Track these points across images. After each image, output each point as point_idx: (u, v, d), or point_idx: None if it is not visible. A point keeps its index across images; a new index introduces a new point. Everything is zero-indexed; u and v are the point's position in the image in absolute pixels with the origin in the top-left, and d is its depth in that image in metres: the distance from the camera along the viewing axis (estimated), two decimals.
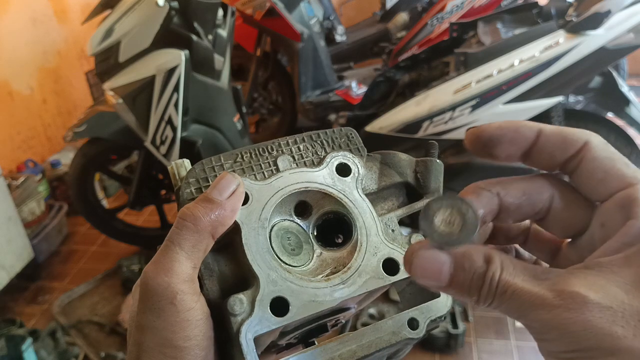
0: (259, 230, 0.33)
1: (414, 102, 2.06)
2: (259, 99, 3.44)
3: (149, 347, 0.30)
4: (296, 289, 0.32)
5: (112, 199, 3.10)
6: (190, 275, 0.30)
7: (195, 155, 2.19)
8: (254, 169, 0.36)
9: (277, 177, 0.35)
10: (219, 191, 0.32)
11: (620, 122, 2.05)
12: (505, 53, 1.92)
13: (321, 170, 0.36)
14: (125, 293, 2.25)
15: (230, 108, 2.38)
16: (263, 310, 0.31)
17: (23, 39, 3.05)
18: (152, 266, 0.31)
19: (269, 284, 0.32)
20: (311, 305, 0.32)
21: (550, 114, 1.96)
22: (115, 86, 2.12)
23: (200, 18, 2.14)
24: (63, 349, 1.99)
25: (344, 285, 0.33)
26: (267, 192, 0.35)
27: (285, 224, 0.35)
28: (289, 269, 0.33)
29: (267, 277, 0.32)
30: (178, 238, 0.31)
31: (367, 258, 0.34)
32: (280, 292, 0.32)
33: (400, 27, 3.57)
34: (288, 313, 0.32)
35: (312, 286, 0.33)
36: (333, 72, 3.35)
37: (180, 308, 0.30)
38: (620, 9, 1.81)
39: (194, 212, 0.31)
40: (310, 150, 0.37)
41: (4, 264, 2.28)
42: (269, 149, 0.37)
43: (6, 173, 2.61)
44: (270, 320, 0.31)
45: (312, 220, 0.36)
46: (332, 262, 0.35)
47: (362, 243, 0.35)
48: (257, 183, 0.35)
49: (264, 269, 0.32)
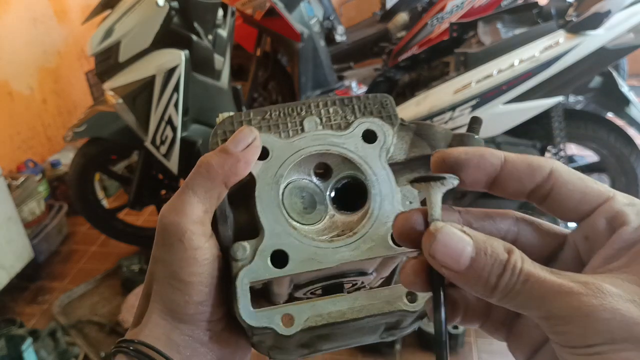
0: (272, 186, 0.34)
1: (414, 102, 2.06)
2: (259, 99, 3.44)
3: (159, 277, 0.33)
4: (298, 245, 0.33)
5: (112, 199, 3.10)
6: (201, 218, 0.33)
7: (195, 155, 2.19)
8: (280, 127, 0.36)
9: (300, 136, 0.36)
10: (235, 143, 0.34)
11: (620, 122, 2.05)
12: (505, 53, 1.92)
13: (346, 134, 0.36)
14: (125, 293, 2.25)
15: (230, 108, 2.38)
16: (263, 260, 0.33)
17: (23, 39, 3.05)
18: (167, 206, 0.33)
19: (273, 236, 0.33)
20: (310, 263, 0.33)
21: (550, 114, 1.96)
22: (115, 86, 2.12)
23: (200, 18, 2.14)
24: (63, 349, 1.99)
25: (347, 248, 0.34)
26: (288, 150, 0.35)
27: (303, 182, 0.36)
28: (295, 225, 0.34)
29: (272, 229, 0.33)
30: (192, 183, 0.33)
31: (376, 226, 0.34)
32: (281, 245, 0.33)
33: (400, 27, 3.57)
34: (286, 266, 0.33)
35: (314, 244, 0.34)
36: (333, 72, 3.35)
37: (187, 246, 0.32)
38: (620, 9, 1.81)
39: (209, 160, 0.33)
40: (339, 114, 0.37)
41: (4, 264, 2.28)
42: (298, 109, 0.37)
43: (6, 173, 2.61)
44: (268, 270, 0.33)
45: (331, 183, 0.37)
46: (342, 226, 0.35)
47: (374, 210, 0.35)
48: (279, 140, 0.35)
49: (271, 222, 0.34)
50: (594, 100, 2.11)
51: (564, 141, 2.01)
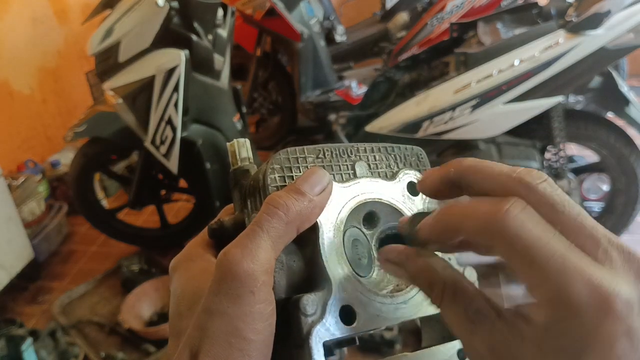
0: (334, 232, 0.32)
1: (414, 102, 2.06)
2: (259, 99, 3.44)
3: (216, 333, 0.28)
4: (364, 300, 0.31)
5: (112, 199, 3.10)
6: (272, 267, 0.29)
7: (195, 155, 2.19)
8: (333, 168, 0.35)
9: (355, 182, 0.35)
10: (311, 185, 0.31)
11: (620, 122, 2.05)
12: (505, 53, 1.92)
13: (394, 185, 0.36)
14: (125, 293, 2.25)
15: (230, 108, 2.37)
16: (333, 316, 0.30)
17: (23, 39, 3.05)
18: (238, 250, 0.29)
19: (340, 290, 0.31)
20: (376, 320, 0.31)
21: (550, 114, 1.96)
22: (115, 86, 2.12)
23: (200, 18, 2.14)
24: (63, 349, 1.99)
25: (406, 305, 0.33)
26: (346, 195, 0.34)
27: (355, 231, 0.34)
28: (359, 278, 0.32)
29: (339, 282, 0.31)
30: (268, 225, 0.29)
31: None
32: (349, 300, 0.31)
33: (400, 27, 3.57)
34: (355, 323, 0.31)
35: (378, 300, 0.32)
36: (333, 72, 3.35)
37: (257, 299, 0.28)
38: (620, 9, 1.81)
39: (287, 202, 0.30)
40: (384, 162, 0.37)
41: (4, 264, 2.28)
42: (349, 151, 0.36)
43: (6, 173, 2.61)
44: (339, 327, 0.30)
45: (377, 233, 0.35)
46: (393, 279, 0.34)
47: None
48: (337, 184, 0.34)
49: (337, 273, 0.31)
50: (594, 100, 2.11)
51: (564, 141, 2.01)
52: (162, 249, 2.65)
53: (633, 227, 2.20)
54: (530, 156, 2.00)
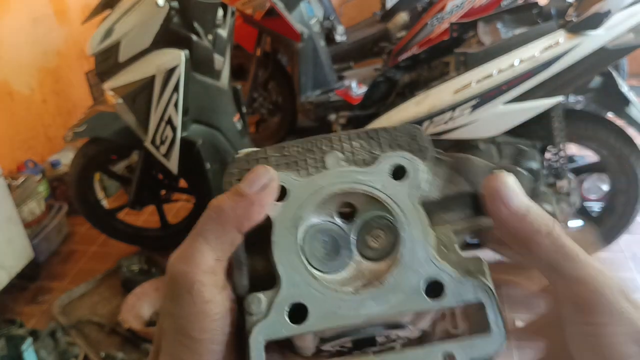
0: (290, 230, 0.31)
1: (414, 102, 2.06)
2: (259, 99, 3.44)
3: (168, 332, 0.30)
4: (318, 297, 0.30)
5: (112, 199, 3.10)
6: (212, 267, 0.30)
7: (195, 155, 2.19)
8: (299, 163, 0.33)
9: (321, 174, 0.32)
10: (249, 184, 0.31)
11: (620, 122, 2.04)
12: (505, 53, 1.92)
13: (371, 170, 0.33)
14: (125, 293, 2.25)
15: (230, 108, 2.38)
16: (279, 314, 0.30)
17: (23, 39, 3.05)
18: (175, 254, 0.30)
19: (291, 287, 0.30)
20: (332, 317, 0.30)
21: (550, 114, 1.96)
22: (115, 86, 2.12)
23: (200, 18, 2.14)
24: (63, 349, 1.99)
25: (374, 302, 0.30)
26: (307, 190, 0.32)
27: (325, 225, 0.33)
28: (316, 274, 0.31)
29: (289, 279, 0.30)
30: (202, 228, 0.30)
31: (407, 276, 0.31)
32: (300, 297, 0.30)
33: (400, 27, 3.57)
34: (305, 321, 0.30)
35: (337, 296, 0.30)
36: (333, 72, 3.35)
37: (196, 299, 0.29)
38: (620, 9, 1.80)
39: (220, 204, 0.30)
40: (365, 148, 0.34)
41: (4, 264, 2.28)
42: (318, 144, 0.34)
43: (6, 173, 2.61)
44: (285, 326, 0.30)
45: (356, 225, 0.33)
46: (369, 274, 0.32)
47: (404, 257, 0.31)
48: (298, 179, 0.32)
49: (288, 271, 0.30)
50: (594, 100, 2.11)
51: (564, 141, 2.01)
52: (162, 249, 2.65)
53: (633, 227, 2.20)
54: (530, 156, 2.00)
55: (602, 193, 2.22)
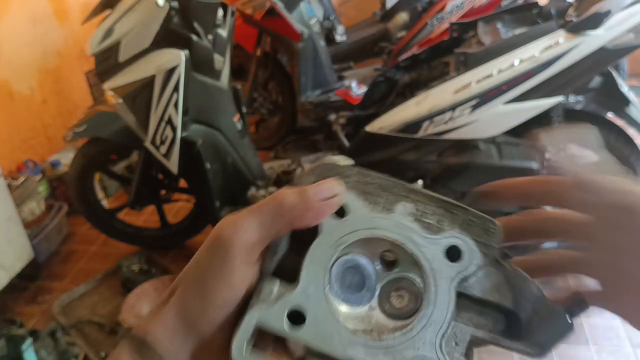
0: (330, 247, 0.33)
1: (414, 102, 2.06)
2: (259, 99, 3.44)
3: (190, 276, 0.33)
4: (320, 317, 0.31)
5: (112, 199, 3.10)
6: (252, 244, 0.32)
7: (195, 155, 2.19)
8: (372, 195, 0.34)
9: (384, 216, 0.33)
10: (317, 191, 0.33)
11: (620, 122, 2.04)
12: (505, 53, 1.92)
13: (431, 239, 0.33)
14: (125, 293, 2.25)
15: (230, 108, 2.37)
16: (281, 310, 0.31)
17: (23, 39, 3.05)
18: (229, 219, 0.33)
19: (304, 294, 0.32)
20: (321, 341, 0.31)
21: (550, 114, 1.96)
22: (115, 86, 2.12)
23: (200, 18, 2.14)
24: (63, 349, 1.99)
25: (364, 350, 0.31)
26: (364, 223, 0.33)
27: (363, 263, 0.33)
28: (330, 298, 0.32)
29: (305, 287, 0.32)
30: (262, 209, 0.33)
31: (405, 346, 0.31)
32: (305, 307, 0.31)
33: (400, 27, 3.57)
34: (299, 329, 0.31)
35: (335, 326, 0.31)
36: (333, 72, 3.35)
37: (227, 264, 0.32)
38: (620, 9, 1.81)
39: (285, 197, 0.33)
40: (437, 215, 0.34)
41: (4, 264, 2.28)
42: (399, 188, 0.34)
43: (6, 173, 2.61)
44: (279, 322, 0.31)
45: (389, 276, 0.34)
46: (374, 324, 0.33)
47: (412, 330, 0.31)
48: (363, 209, 0.33)
49: (309, 280, 0.32)
50: (594, 100, 2.11)
51: None
52: (162, 249, 2.65)
53: None
54: (530, 156, 2.00)
55: None
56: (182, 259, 2.59)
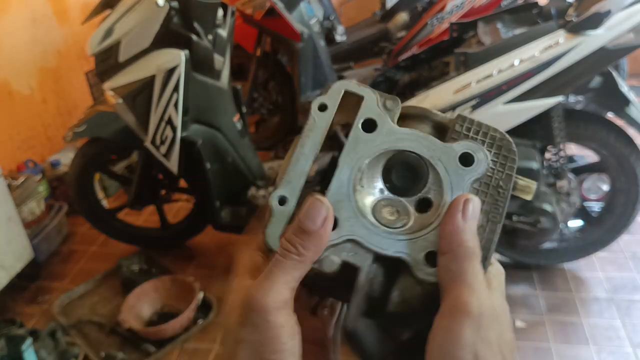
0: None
1: (414, 102, 2.06)
2: (259, 99, 3.44)
3: (242, 358, 0.34)
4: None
5: (112, 199, 3.10)
6: (286, 298, 0.34)
7: (195, 155, 2.19)
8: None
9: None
10: (312, 221, 0.35)
11: (620, 122, 2.04)
12: (505, 53, 1.92)
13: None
14: (125, 293, 2.25)
15: (230, 108, 2.37)
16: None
17: (23, 39, 3.05)
18: (255, 286, 0.34)
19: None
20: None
21: (550, 114, 1.96)
22: (115, 86, 2.12)
23: (200, 18, 2.14)
24: (63, 349, 1.99)
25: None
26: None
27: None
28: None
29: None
30: (281, 265, 0.35)
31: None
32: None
33: (400, 27, 3.57)
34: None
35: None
36: (333, 72, 3.35)
37: (272, 325, 0.33)
38: (620, 9, 1.80)
39: (296, 246, 0.35)
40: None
41: (4, 264, 2.28)
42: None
43: (6, 173, 2.61)
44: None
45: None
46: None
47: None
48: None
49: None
50: (594, 100, 2.11)
51: (564, 141, 2.01)
52: (162, 249, 2.65)
53: (633, 227, 2.20)
54: (530, 156, 2.00)
55: (602, 193, 2.22)
56: (182, 259, 2.59)
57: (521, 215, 2.07)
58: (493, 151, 0.38)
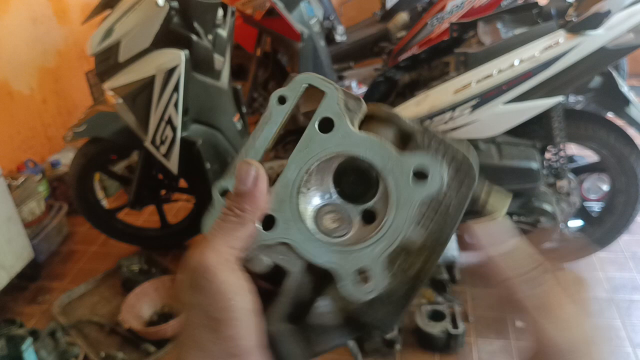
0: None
1: (414, 102, 2.06)
2: (259, 99, 3.44)
3: (192, 322, 0.34)
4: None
5: (112, 199, 3.10)
6: (224, 254, 0.34)
7: (195, 155, 2.19)
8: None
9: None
10: (243, 181, 0.35)
11: (620, 122, 2.04)
12: (505, 53, 1.92)
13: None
14: (125, 293, 2.25)
15: (230, 108, 2.37)
16: None
17: (23, 39, 3.05)
18: (197, 251, 0.34)
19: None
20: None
21: (550, 114, 1.96)
22: (115, 86, 2.12)
23: (200, 18, 2.14)
24: (63, 349, 1.99)
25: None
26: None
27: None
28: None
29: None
30: (220, 227, 0.35)
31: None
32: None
33: (400, 27, 3.57)
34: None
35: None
36: (333, 72, 3.35)
37: (215, 283, 0.33)
38: (620, 9, 1.80)
39: (232, 209, 0.35)
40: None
41: (4, 264, 2.28)
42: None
43: (6, 173, 2.61)
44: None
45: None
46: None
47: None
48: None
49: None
50: (594, 100, 2.11)
51: (564, 141, 2.01)
52: (162, 249, 2.65)
53: (633, 227, 2.20)
54: (530, 156, 2.00)
55: (602, 193, 2.22)
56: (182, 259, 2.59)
57: (521, 215, 2.07)
58: (449, 171, 0.35)
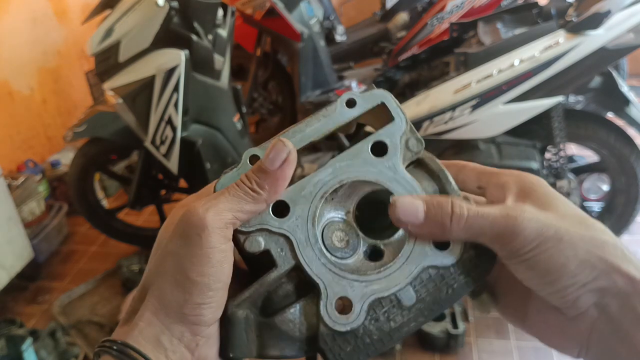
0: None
1: (414, 102, 2.06)
2: (259, 99, 3.44)
3: (166, 271, 0.32)
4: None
5: (112, 199, 3.10)
6: (226, 222, 0.32)
7: (195, 155, 2.19)
8: None
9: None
10: (270, 161, 0.33)
11: (620, 122, 2.04)
12: (505, 53, 1.92)
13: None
14: (125, 293, 2.25)
15: (230, 108, 2.37)
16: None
17: (23, 39, 3.05)
18: (199, 202, 0.33)
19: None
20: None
21: (550, 114, 1.96)
22: (115, 86, 2.12)
23: (200, 18, 2.14)
24: (63, 349, 1.99)
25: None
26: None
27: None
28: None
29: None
30: (233, 192, 0.33)
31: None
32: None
33: (400, 27, 3.57)
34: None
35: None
36: (333, 72, 3.35)
37: (204, 242, 0.31)
38: (620, 9, 1.80)
39: (251, 181, 0.33)
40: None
41: (4, 264, 2.28)
42: None
43: (6, 173, 2.61)
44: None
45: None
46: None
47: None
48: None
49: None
50: (594, 100, 2.11)
51: (564, 141, 2.01)
52: None
53: (633, 227, 2.20)
54: (530, 156, 2.00)
55: (602, 193, 2.22)
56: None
57: None
58: (470, 251, 0.34)
